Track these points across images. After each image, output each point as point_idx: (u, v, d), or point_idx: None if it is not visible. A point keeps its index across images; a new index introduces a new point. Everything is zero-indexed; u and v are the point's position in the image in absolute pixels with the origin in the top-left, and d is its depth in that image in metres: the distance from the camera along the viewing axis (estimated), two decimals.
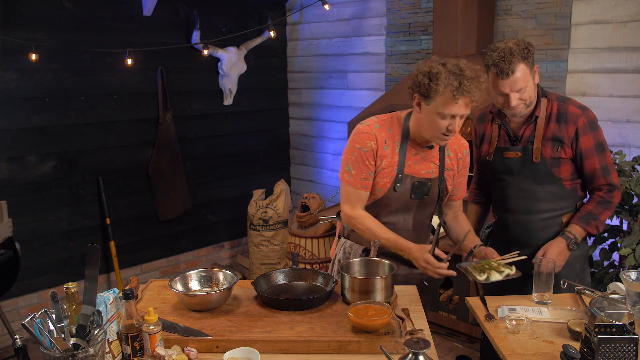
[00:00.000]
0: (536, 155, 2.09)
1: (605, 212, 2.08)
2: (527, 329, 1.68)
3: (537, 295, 1.90)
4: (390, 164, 2.02)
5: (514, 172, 2.15)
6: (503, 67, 1.93)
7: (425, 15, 3.93)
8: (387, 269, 1.89)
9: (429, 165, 2.08)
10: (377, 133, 2.03)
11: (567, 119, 2.06)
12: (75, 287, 1.58)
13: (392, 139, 2.04)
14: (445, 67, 1.86)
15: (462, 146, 2.16)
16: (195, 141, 4.42)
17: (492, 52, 1.97)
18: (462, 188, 2.22)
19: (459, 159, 2.14)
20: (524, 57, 1.94)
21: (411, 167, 2.04)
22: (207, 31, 4.21)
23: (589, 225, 2.07)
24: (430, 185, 2.06)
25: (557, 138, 2.06)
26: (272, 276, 1.98)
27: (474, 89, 1.84)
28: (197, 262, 4.61)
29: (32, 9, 3.48)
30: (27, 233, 3.58)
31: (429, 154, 2.07)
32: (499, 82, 1.98)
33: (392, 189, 2.03)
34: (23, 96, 3.51)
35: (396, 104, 3.64)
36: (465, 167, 2.18)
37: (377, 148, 2.01)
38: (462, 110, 1.87)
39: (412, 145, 2.05)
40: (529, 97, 2.01)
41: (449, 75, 1.84)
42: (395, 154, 2.03)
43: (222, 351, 1.55)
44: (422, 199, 2.08)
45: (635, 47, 3.06)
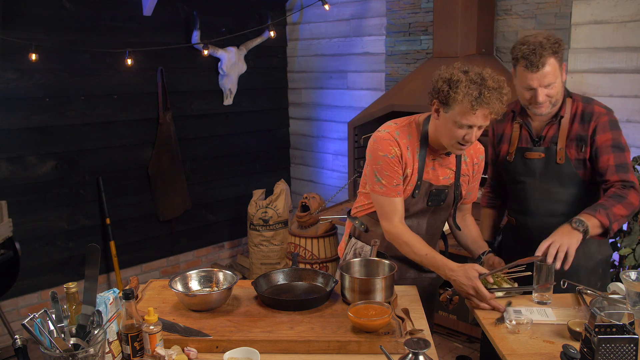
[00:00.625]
0: (560, 157, 2.01)
1: (617, 205, 1.89)
2: (527, 329, 1.68)
3: (537, 295, 1.88)
4: (412, 171, 1.99)
5: (536, 174, 2.08)
6: (533, 60, 1.87)
7: (425, 15, 3.93)
8: (387, 269, 1.89)
9: (446, 172, 2.04)
10: (399, 139, 1.96)
11: (590, 117, 1.99)
12: (75, 287, 1.58)
13: (412, 145, 1.98)
14: (467, 75, 1.80)
15: (479, 151, 2.11)
16: (195, 141, 4.42)
17: (521, 45, 1.91)
18: (474, 192, 2.18)
19: (475, 164, 2.10)
20: (555, 51, 1.90)
21: (429, 173, 2.01)
22: (207, 31, 4.21)
23: (598, 212, 1.86)
24: (447, 192, 2.04)
25: (581, 137, 1.99)
26: (272, 276, 1.98)
27: (494, 100, 1.77)
28: (197, 262, 4.61)
29: (32, 9, 3.48)
30: (27, 233, 3.58)
31: (446, 160, 2.04)
32: (527, 76, 1.91)
33: (411, 195, 2.01)
34: (23, 96, 3.51)
35: (396, 104, 3.65)
36: (479, 171, 2.14)
37: (401, 154, 1.95)
38: (480, 121, 1.81)
39: (430, 151, 2.00)
40: (556, 93, 1.95)
41: (470, 84, 1.78)
42: (416, 160, 1.99)
43: (222, 351, 1.55)
44: (438, 206, 2.06)
45: (635, 47, 3.06)
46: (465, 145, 1.88)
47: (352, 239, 2.21)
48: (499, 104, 1.79)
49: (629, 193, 1.91)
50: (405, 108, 3.62)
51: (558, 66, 1.92)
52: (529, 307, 1.84)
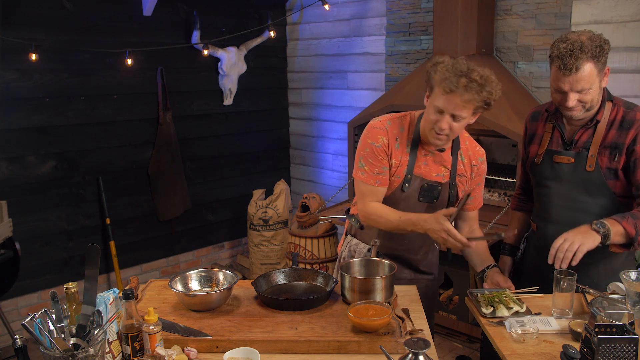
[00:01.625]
0: (590, 164, 1.87)
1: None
2: (532, 338, 1.63)
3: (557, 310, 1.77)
4: (400, 163, 1.99)
5: (562, 179, 1.95)
6: (567, 62, 1.73)
7: (425, 15, 3.93)
8: (387, 269, 1.89)
9: (440, 169, 2.03)
10: (389, 129, 1.98)
11: (631, 124, 1.84)
12: (75, 287, 1.58)
13: (403, 137, 1.99)
14: (454, 61, 1.81)
15: (477, 153, 2.08)
16: (195, 141, 4.42)
17: (560, 43, 1.77)
18: (476, 197, 2.11)
19: (473, 165, 2.07)
20: (595, 55, 1.73)
21: (421, 168, 2.00)
22: (207, 31, 4.21)
23: (625, 220, 1.72)
24: (440, 189, 2.02)
25: (616, 145, 1.84)
26: (272, 276, 1.98)
27: (470, 91, 1.76)
28: (197, 262, 4.61)
29: (32, 9, 3.48)
30: (27, 233, 3.58)
31: (440, 157, 2.02)
32: (559, 78, 1.78)
33: (400, 189, 2.00)
34: (23, 96, 3.51)
35: (396, 104, 3.65)
36: (479, 175, 2.09)
37: (388, 144, 1.97)
38: (450, 107, 1.80)
39: (423, 146, 2.00)
40: (591, 100, 1.81)
41: (450, 67, 1.79)
42: (406, 154, 1.99)
43: (222, 351, 1.55)
44: (431, 203, 2.03)
45: (635, 47, 3.06)
46: (440, 134, 1.86)
47: (348, 236, 2.22)
48: (473, 96, 1.77)
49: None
50: (405, 108, 3.60)
51: (596, 72, 1.77)
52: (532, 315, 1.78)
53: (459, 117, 1.83)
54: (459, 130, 1.90)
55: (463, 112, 1.82)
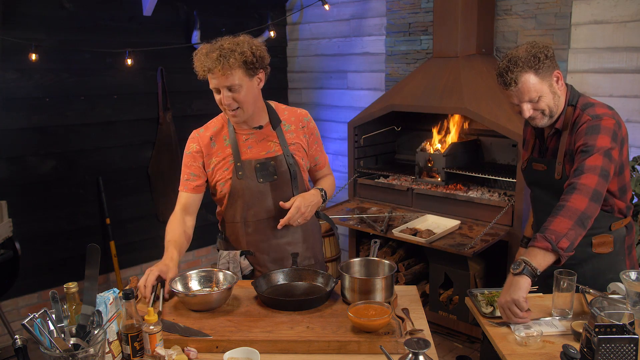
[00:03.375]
0: (558, 172, 1.92)
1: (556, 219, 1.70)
2: (537, 341, 1.61)
3: (557, 310, 1.78)
4: (223, 156, 2.07)
5: (540, 185, 2.04)
6: (506, 78, 1.83)
7: (425, 15, 3.93)
8: (387, 269, 1.89)
9: (269, 146, 2.09)
10: (201, 135, 2.11)
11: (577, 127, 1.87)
12: (75, 287, 1.58)
13: (218, 134, 2.10)
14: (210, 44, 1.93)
15: (301, 114, 2.18)
16: None
17: (501, 60, 1.87)
18: (320, 154, 2.26)
19: (303, 127, 2.16)
20: (531, 65, 1.80)
21: (248, 152, 2.08)
22: (207, 31, 4.21)
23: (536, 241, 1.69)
24: (274, 164, 2.07)
25: (572, 151, 1.88)
26: (272, 276, 1.98)
27: (222, 61, 1.85)
28: (197, 262, 4.60)
29: (32, 9, 3.48)
30: (27, 233, 3.58)
31: (262, 135, 2.09)
32: (507, 93, 1.88)
33: (236, 177, 2.05)
34: (23, 96, 3.51)
35: (396, 104, 3.65)
36: (312, 133, 2.20)
37: (200, 148, 2.09)
38: (219, 82, 1.91)
39: (240, 132, 2.09)
40: (547, 106, 1.86)
41: (203, 51, 1.90)
42: (226, 147, 2.08)
43: (222, 351, 1.55)
44: (272, 181, 2.08)
45: (635, 47, 3.06)
46: (231, 110, 1.96)
47: (220, 252, 2.24)
48: (229, 61, 1.86)
49: (569, 198, 1.72)
50: (405, 108, 3.62)
51: (538, 80, 1.82)
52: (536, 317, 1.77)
53: (233, 87, 1.92)
54: (246, 98, 1.96)
55: (233, 80, 1.90)
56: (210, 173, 2.11)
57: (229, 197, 2.10)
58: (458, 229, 3.42)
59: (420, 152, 3.86)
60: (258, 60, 1.95)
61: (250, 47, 1.93)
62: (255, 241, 2.13)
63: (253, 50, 1.93)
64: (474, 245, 3.11)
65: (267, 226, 2.11)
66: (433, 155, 3.78)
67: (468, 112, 3.29)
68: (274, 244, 2.12)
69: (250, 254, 2.13)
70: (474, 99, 3.30)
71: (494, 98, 3.30)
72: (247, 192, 2.07)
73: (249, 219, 2.10)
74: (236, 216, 2.12)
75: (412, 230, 3.42)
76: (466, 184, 3.71)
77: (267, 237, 2.12)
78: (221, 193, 2.11)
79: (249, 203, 2.08)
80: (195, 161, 2.10)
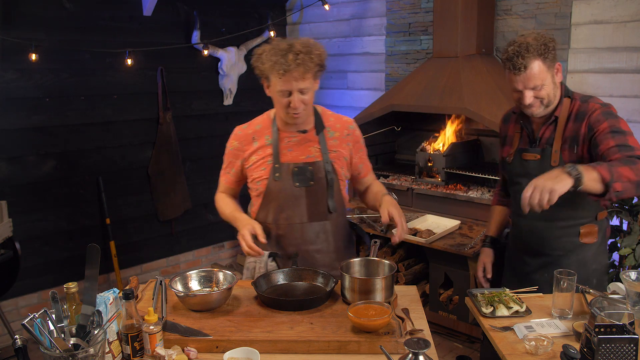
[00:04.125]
0: (555, 159, 1.97)
1: (624, 167, 1.68)
2: (547, 350, 1.57)
3: (556, 310, 1.79)
4: (263, 156, 2.07)
5: (531, 175, 1.99)
6: (516, 63, 1.86)
7: (425, 15, 3.93)
8: (387, 269, 1.89)
9: (309, 150, 2.07)
10: (243, 132, 2.13)
11: (584, 115, 1.93)
12: (75, 287, 1.58)
13: (261, 133, 2.09)
14: (272, 44, 1.91)
15: (347, 122, 2.15)
16: (195, 141, 4.42)
17: (509, 46, 1.90)
18: (365, 162, 2.21)
19: (347, 135, 2.12)
20: (541, 53, 1.86)
21: (287, 155, 2.06)
22: (207, 31, 4.21)
23: (600, 165, 1.68)
24: (312, 170, 2.04)
25: (574, 138, 1.94)
26: (272, 276, 1.98)
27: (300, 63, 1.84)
28: (197, 262, 4.61)
29: (32, 9, 3.48)
30: (27, 233, 3.58)
31: (305, 139, 2.07)
32: (512, 78, 1.91)
33: (272, 179, 2.05)
34: (23, 96, 3.51)
35: (396, 104, 3.65)
36: (357, 141, 2.16)
37: (240, 146, 2.12)
38: (293, 85, 1.88)
39: (283, 134, 2.07)
40: (547, 95, 1.92)
41: (273, 51, 1.88)
42: (267, 147, 2.07)
43: (222, 351, 1.55)
44: (308, 186, 2.05)
45: (635, 47, 3.06)
46: (296, 112, 1.93)
47: None
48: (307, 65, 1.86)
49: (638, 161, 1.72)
50: (405, 108, 3.62)
51: (545, 68, 1.89)
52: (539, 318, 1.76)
53: (304, 90, 1.92)
54: (311, 100, 1.98)
55: (306, 83, 1.90)
56: (248, 170, 2.11)
57: (263, 197, 2.09)
58: (458, 229, 3.42)
59: (420, 152, 3.86)
60: (325, 65, 1.97)
61: (321, 50, 1.94)
62: (284, 245, 2.10)
63: (323, 54, 1.95)
64: (474, 245, 3.11)
65: (298, 231, 2.08)
66: (433, 155, 3.78)
67: (468, 112, 3.29)
68: (303, 250, 2.09)
69: (278, 257, 2.10)
70: (474, 99, 3.30)
71: (494, 98, 3.30)
72: (282, 194, 2.05)
73: (281, 222, 2.08)
74: (268, 217, 2.10)
75: (412, 230, 3.42)
76: (466, 184, 3.71)
77: (297, 242, 2.10)
78: (257, 191, 2.11)
79: (282, 206, 2.07)
80: (235, 158, 2.14)
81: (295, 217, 2.07)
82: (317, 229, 2.08)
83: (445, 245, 3.20)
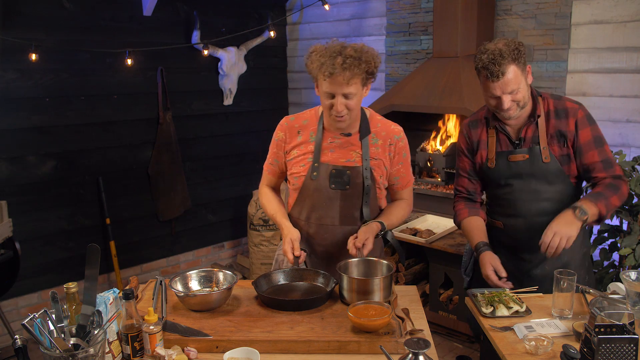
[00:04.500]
0: (545, 155, 2.02)
1: (614, 196, 1.94)
2: (547, 350, 1.58)
3: (556, 310, 1.79)
4: (304, 152, 2.06)
5: (522, 176, 2.06)
6: (493, 70, 1.88)
7: (425, 15, 3.93)
8: (386, 269, 1.89)
9: (350, 154, 2.05)
10: (289, 125, 2.11)
11: (566, 113, 2.01)
12: (75, 287, 1.58)
13: (306, 128, 2.08)
14: (326, 45, 1.91)
15: (393, 131, 2.09)
16: (195, 141, 4.42)
17: (481, 54, 1.92)
18: (402, 176, 2.14)
19: (390, 144, 2.07)
20: (514, 58, 1.89)
21: (328, 155, 2.05)
22: (207, 31, 4.21)
23: (598, 201, 1.91)
24: (349, 174, 2.02)
25: (562, 133, 2.01)
26: (273, 276, 1.98)
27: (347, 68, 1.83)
28: (197, 262, 4.61)
29: (32, 9, 3.48)
30: (27, 233, 3.58)
31: (348, 142, 2.05)
32: (489, 85, 1.92)
33: (309, 177, 2.04)
34: (23, 96, 3.51)
35: (396, 104, 3.65)
36: (399, 153, 2.10)
37: (285, 138, 2.10)
38: (337, 88, 1.86)
39: (328, 134, 2.05)
40: (522, 98, 1.95)
41: (324, 52, 1.88)
42: (310, 143, 2.05)
43: (222, 351, 1.55)
44: (344, 190, 2.04)
45: (635, 47, 3.06)
46: (339, 116, 1.92)
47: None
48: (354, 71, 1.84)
49: (622, 185, 1.99)
50: (405, 108, 3.62)
51: (520, 72, 1.92)
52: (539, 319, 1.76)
53: (350, 95, 1.89)
54: (356, 106, 1.95)
55: (351, 88, 1.88)
56: (288, 163, 2.11)
57: (299, 194, 2.10)
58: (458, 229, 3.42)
59: (420, 152, 3.86)
60: (375, 72, 1.95)
61: (373, 57, 1.92)
62: (312, 243, 2.12)
63: (375, 62, 1.93)
64: None
65: (327, 232, 2.09)
66: (433, 155, 3.78)
67: (468, 112, 3.29)
68: (330, 252, 2.10)
69: (304, 252, 2.07)
70: (474, 99, 3.30)
71: None
72: (317, 194, 2.05)
73: (312, 220, 2.09)
74: (302, 214, 2.12)
75: (412, 230, 3.42)
76: None
77: (325, 243, 2.10)
78: (294, 186, 2.11)
79: (316, 205, 2.07)
80: (279, 149, 2.13)
81: (327, 218, 2.07)
82: (347, 233, 2.06)
83: (445, 245, 3.20)
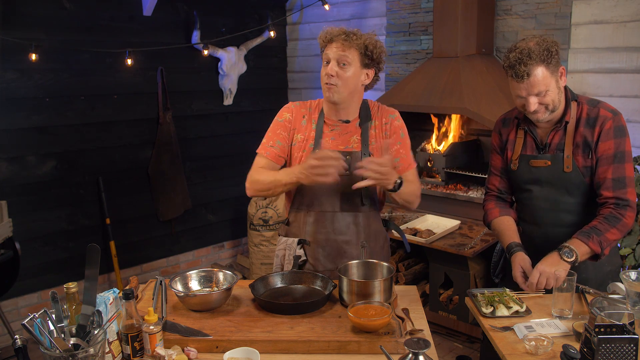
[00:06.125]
0: (567, 164, 1.91)
1: (612, 230, 1.84)
2: (547, 350, 1.57)
3: (556, 310, 1.79)
4: (306, 137, 2.09)
5: (542, 182, 1.98)
6: (518, 70, 1.81)
7: (425, 15, 3.93)
8: (386, 272, 1.88)
9: (349, 141, 2.07)
10: (296, 108, 2.15)
11: (595, 121, 1.89)
12: (75, 287, 1.58)
13: (310, 115, 2.14)
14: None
15: (387, 112, 2.12)
16: (195, 141, 4.42)
17: (510, 53, 1.85)
18: (403, 157, 2.07)
19: (385, 124, 2.08)
20: (544, 59, 1.81)
21: (329, 142, 2.07)
22: (207, 31, 4.21)
23: (590, 239, 1.83)
24: (349, 158, 2.02)
25: (587, 143, 1.90)
26: (270, 279, 1.96)
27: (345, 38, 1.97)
28: (197, 262, 4.61)
29: (32, 9, 3.48)
30: (27, 233, 3.58)
31: (346, 129, 2.09)
32: (515, 85, 1.86)
33: None
34: (23, 96, 3.51)
35: (396, 104, 3.64)
36: (396, 132, 2.08)
37: (292, 119, 2.12)
38: (333, 53, 1.99)
39: (327, 122, 2.10)
40: (552, 101, 1.86)
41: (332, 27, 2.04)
42: (312, 130, 2.10)
43: (222, 351, 1.55)
44: (343, 174, 1.98)
45: (635, 47, 3.06)
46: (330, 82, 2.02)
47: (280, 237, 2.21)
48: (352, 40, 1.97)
49: (625, 214, 1.87)
50: (405, 108, 3.62)
51: (549, 74, 1.83)
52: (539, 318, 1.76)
53: (343, 60, 1.99)
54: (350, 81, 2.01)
55: (346, 56, 1.98)
56: (292, 148, 2.11)
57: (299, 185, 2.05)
58: (458, 229, 3.42)
59: (420, 152, 3.86)
60: (375, 57, 2.03)
61: (375, 42, 2.03)
62: (314, 232, 2.09)
63: (376, 45, 2.02)
64: (474, 245, 3.11)
65: (329, 220, 2.07)
66: (433, 155, 3.78)
67: (468, 112, 3.29)
68: (332, 239, 2.08)
69: (306, 244, 2.09)
70: (474, 99, 3.30)
71: (494, 98, 3.30)
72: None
73: (313, 209, 2.09)
74: (303, 203, 2.11)
75: (412, 230, 3.42)
76: (466, 184, 3.71)
77: (327, 231, 2.08)
78: None
79: (316, 193, 2.06)
80: (285, 130, 2.11)
81: (327, 205, 2.07)
82: (348, 219, 2.07)
83: (445, 245, 3.20)
